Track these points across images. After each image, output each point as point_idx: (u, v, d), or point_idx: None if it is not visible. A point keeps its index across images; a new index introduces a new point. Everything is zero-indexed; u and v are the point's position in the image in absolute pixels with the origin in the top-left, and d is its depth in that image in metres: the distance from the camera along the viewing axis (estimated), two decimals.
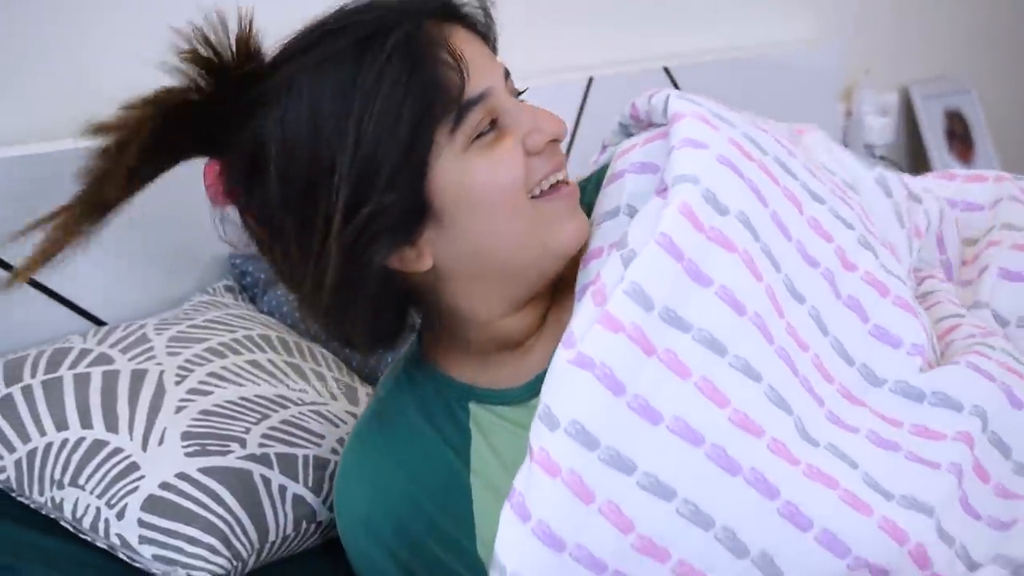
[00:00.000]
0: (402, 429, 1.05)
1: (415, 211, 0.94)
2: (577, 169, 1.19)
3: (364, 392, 1.35)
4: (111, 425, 1.15)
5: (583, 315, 0.91)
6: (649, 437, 0.86)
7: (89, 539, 1.12)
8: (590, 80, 1.95)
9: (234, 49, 0.98)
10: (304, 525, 1.14)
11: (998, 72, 2.92)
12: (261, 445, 1.16)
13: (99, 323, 1.41)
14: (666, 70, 2.09)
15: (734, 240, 0.94)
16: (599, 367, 0.86)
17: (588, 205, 1.05)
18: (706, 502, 0.86)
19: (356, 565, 1.06)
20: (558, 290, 1.03)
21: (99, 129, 0.98)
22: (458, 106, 0.93)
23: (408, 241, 0.95)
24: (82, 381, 1.20)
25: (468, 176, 0.94)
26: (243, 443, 1.15)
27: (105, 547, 1.11)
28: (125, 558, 1.09)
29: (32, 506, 1.15)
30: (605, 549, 0.85)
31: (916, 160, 2.75)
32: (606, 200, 1.04)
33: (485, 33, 1.02)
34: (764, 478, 0.86)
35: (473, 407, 1.04)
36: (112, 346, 1.27)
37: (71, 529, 1.13)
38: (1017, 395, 0.97)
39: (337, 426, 1.23)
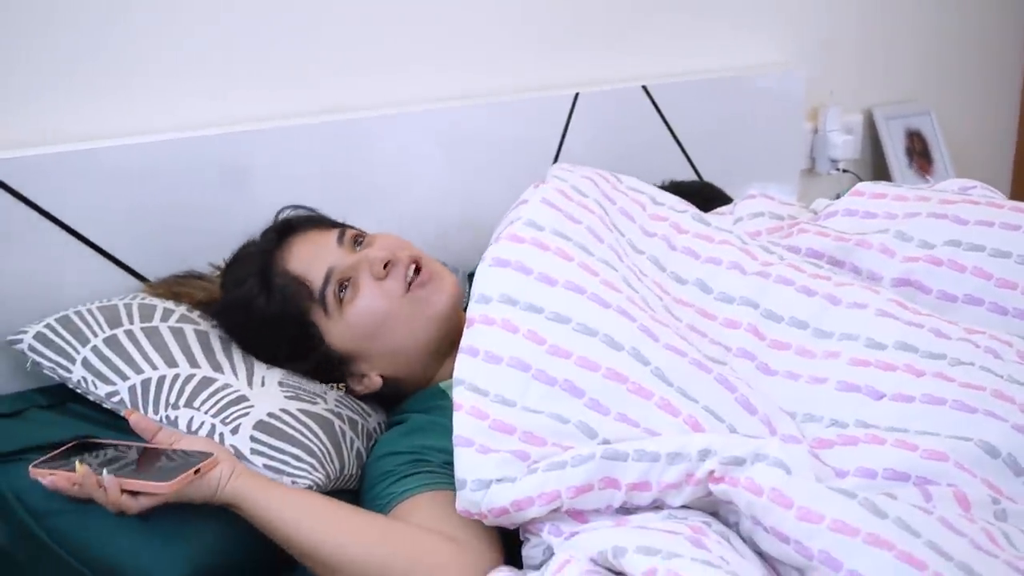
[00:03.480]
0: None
1: (335, 362, 1.46)
2: None
3: None
4: (216, 367, 1.42)
5: (489, 251, 1.34)
6: (550, 292, 1.28)
7: None
8: (576, 96, 2.16)
9: None
10: (358, 471, 1.42)
11: (954, 96, 3.14)
12: (336, 406, 1.44)
13: (142, 279, 1.64)
14: (644, 89, 2.29)
15: (592, 209, 1.44)
16: (514, 263, 1.30)
17: None
18: (591, 323, 1.25)
19: (376, 466, 1.39)
20: None
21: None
22: (317, 299, 1.43)
23: (350, 377, 1.48)
24: (178, 333, 1.45)
25: (355, 325, 1.44)
26: (325, 400, 1.44)
27: None
28: None
29: None
30: (529, 356, 1.24)
31: (880, 174, 2.97)
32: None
33: (318, 222, 1.53)
34: (626, 311, 1.27)
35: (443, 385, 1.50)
36: (189, 311, 1.52)
37: None
38: None
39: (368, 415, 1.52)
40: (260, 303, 1.44)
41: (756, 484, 1.11)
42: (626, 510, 1.19)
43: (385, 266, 1.43)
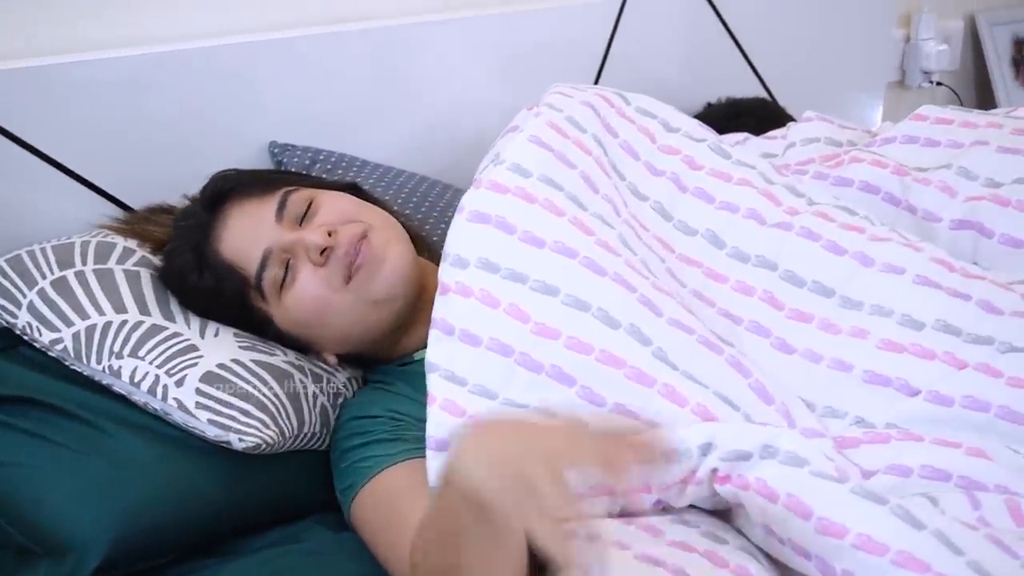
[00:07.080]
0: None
1: (287, 340, 1.31)
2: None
3: None
4: (168, 316, 1.29)
5: (467, 199, 1.14)
6: (536, 256, 1.10)
7: (141, 402, 1.23)
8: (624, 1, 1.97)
9: None
10: (322, 430, 1.29)
11: None
12: (298, 358, 1.32)
13: (124, 207, 1.50)
14: None
15: (589, 148, 1.23)
16: (494, 218, 1.11)
17: None
18: (583, 294, 1.08)
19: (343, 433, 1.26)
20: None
21: None
22: (254, 285, 1.27)
23: (306, 352, 1.32)
24: (133, 277, 1.32)
25: (294, 312, 1.27)
26: (284, 352, 1.31)
27: (157, 409, 1.22)
28: (179, 420, 1.22)
29: (85, 372, 1.26)
30: (511, 337, 1.06)
31: (981, 88, 2.70)
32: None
33: (257, 186, 1.31)
34: (624, 279, 1.09)
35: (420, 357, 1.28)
36: (152, 252, 1.38)
37: (123, 392, 1.24)
38: None
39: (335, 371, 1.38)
40: (194, 280, 1.30)
41: (769, 488, 0.93)
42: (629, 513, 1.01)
43: (323, 251, 1.25)
